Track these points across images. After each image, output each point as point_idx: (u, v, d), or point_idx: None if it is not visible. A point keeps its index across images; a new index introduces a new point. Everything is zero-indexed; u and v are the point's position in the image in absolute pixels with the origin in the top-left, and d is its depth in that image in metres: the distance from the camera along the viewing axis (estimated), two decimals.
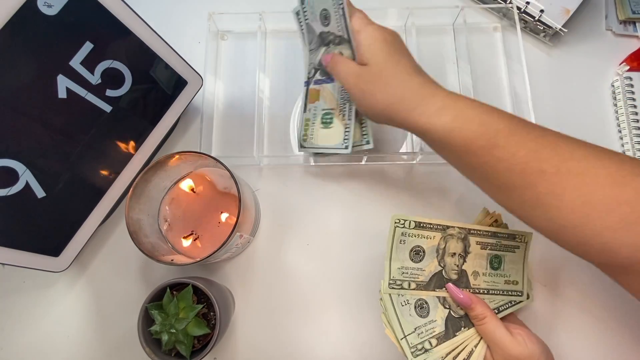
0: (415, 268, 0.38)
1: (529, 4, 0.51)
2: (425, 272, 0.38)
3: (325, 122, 0.41)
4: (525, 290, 0.41)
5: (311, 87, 0.43)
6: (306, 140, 0.43)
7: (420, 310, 0.38)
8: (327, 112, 0.42)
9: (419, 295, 0.38)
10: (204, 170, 0.45)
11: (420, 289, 0.38)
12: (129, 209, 0.39)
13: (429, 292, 0.38)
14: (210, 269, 0.47)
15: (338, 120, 0.41)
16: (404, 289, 0.38)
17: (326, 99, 0.42)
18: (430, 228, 0.38)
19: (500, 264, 0.40)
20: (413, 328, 0.37)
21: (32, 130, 0.36)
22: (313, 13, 0.40)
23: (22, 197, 0.37)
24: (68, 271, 0.44)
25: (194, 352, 0.39)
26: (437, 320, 0.38)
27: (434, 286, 0.38)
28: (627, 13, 0.53)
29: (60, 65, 0.36)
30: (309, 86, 0.43)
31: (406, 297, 0.38)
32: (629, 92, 0.50)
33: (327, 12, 0.39)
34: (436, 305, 0.38)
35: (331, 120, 0.41)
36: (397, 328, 0.37)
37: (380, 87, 0.35)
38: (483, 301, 0.37)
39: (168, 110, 0.46)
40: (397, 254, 0.38)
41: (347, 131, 0.40)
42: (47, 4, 0.33)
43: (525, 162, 0.30)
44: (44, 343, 0.45)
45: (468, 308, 0.37)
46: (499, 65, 0.52)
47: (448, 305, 0.38)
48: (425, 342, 0.37)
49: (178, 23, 0.55)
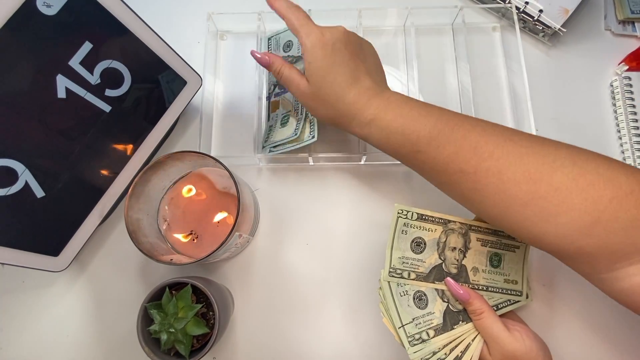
0: (416, 259, 0.39)
1: (528, 4, 0.51)
2: (426, 263, 0.39)
3: (284, 123, 0.47)
4: (525, 290, 0.41)
5: (272, 100, 0.50)
6: (266, 141, 0.47)
7: (418, 302, 0.38)
8: (285, 115, 0.47)
9: (419, 286, 0.38)
10: (204, 170, 0.45)
11: (419, 280, 0.38)
12: (128, 208, 0.39)
13: (428, 284, 0.39)
14: (210, 268, 0.47)
15: (293, 118, 0.46)
16: (404, 279, 0.38)
17: (284, 105, 0.48)
18: (432, 221, 0.39)
19: (500, 262, 0.40)
20: (411, 318, 0.37)
21: (31, 130, 0.36)
22: (277, 44, 0.51)
23: (22, 197, 0.37)
24: (67, 271, 0.44)
25: (193, 351, 0.39)
26: (435, 313, 0.38)
27: (433, 278, 0.39)
28: (626, 13, 0.53)
29: (59, 65, 0.36)
30: (270, 100, 0.50)
31: (405, 288, 0.38)
32: (628, 92, 0.50)
33: (291, 42, 0.49)
34: (435, 298, 0.38)
35: (287, 120, 0.47)
36: (395, 317, 0.37)
37: (320, 104, 0.38)
38: (481, 296, 0.38)
39: (167, 110, 0.46)
40: (398, 243, 0.38)
41: (299, 123, 0.45)
42: (46, 4, 0.33)
43: (446, 164, 0.34)
44: (44, 342, 0.45)
45: (466, 302, 0.37)
46: (498, 65, 0.52)
47: (447, 299, 0.39)
48: (423, 332, 0.37)
49: (177, 23, 0.55)
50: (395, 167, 0.49)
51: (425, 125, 0.34)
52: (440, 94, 0.51)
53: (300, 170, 0.50)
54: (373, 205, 0.48)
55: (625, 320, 0.44)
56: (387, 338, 0.44)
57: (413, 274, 0.38)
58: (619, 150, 0.49)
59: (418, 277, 0.38)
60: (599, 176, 0.29)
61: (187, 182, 0.45)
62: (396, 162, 0.49)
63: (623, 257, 0.29)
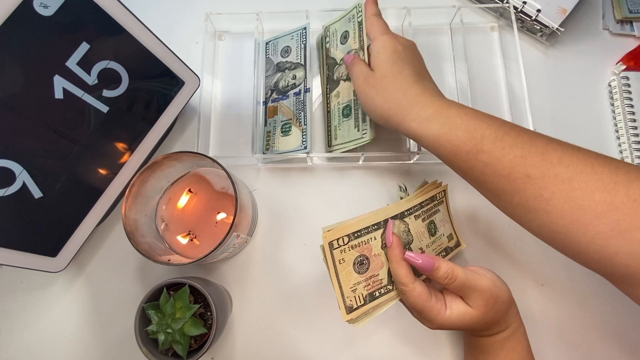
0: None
1: (526, 4, 0.51)
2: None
3: (285, 131, 0.47)
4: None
5: (269, 105, 0.50)
6: (269, 149, 0.48)
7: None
8: (285, 123, 0.48)
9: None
10: (201, 170, 0.45)
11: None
12: (126, 209, 0.39)
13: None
14: (208, 269, 0.47)
15: (295, 128, 0.47)
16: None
17: (283, 112, 0.49)
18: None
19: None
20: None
21: (29, 131, 0.36)
22: (275, 49, 0.51)
23: (19, 198, 0.37)
24: (65, 271, 0.44)
25: (190, 352, 0.39)
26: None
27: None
28: (624, 12, 0.53)
29: (56, 66, 0.36)
30: (267, 105, 0.50)
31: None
32: (626, 92, 0.50)
33: (289, 48, 0.50)
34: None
35: (289, 129, 0.47)
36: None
37: (380, 92, 0.37)
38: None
39: (165, 110, 0.46)
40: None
41: (304, 134, 0.46)
42: (43, 5, 0.33)
43: (511, 167, 0.31)
44: (42, 343, 0.45)
45: (432, 270, 0.33)
46: (496, 65, 0.52)
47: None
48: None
49: (175, 23, 0.55)
50: (393, 166, 0.49)
51: (490, 125, 0.32)
52: None
53: (298, 171, 0.50)
54: (371, 205, 0.48)
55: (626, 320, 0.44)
56: (386, 337, 0.44)
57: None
58: (617, 150, 0.49)
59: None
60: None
61: (185, 183, 0.45)
62: (394, 162, 0.49)
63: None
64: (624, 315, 0.44)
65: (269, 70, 0.52)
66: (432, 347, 0.44)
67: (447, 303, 0.34)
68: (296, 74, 0.49)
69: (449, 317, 0.33)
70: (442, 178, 0.42)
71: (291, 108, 0.48)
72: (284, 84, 0.49)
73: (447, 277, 0.33)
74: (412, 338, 0.44)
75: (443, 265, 0.33)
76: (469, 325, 0.34)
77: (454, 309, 0.34)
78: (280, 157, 0.47)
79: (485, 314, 0.34)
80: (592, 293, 0.45)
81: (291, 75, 0.49)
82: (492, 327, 0.35)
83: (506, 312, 0.35)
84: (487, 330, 0.36)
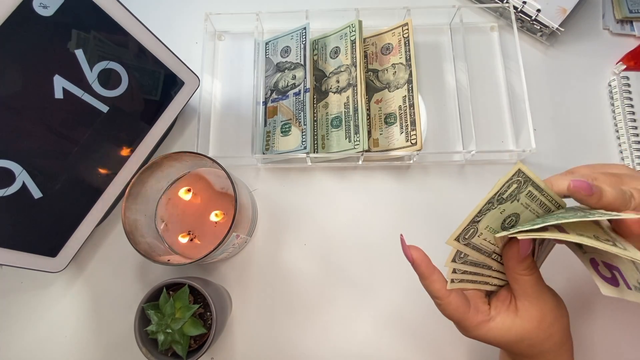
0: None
1: (526, 4, 0.51)
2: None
3: (285, 131, 0.47)
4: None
5: (269, 105, 0.50)
6: (268, 149, 0.48)
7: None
8: (285, 123, 0.48)
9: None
10: (201, 170, 0.45)
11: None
12: (126, 209, 0.39)
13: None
14: (208, 269, 0.47)
15: (295, 128, 0.47)
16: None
17: (283, 113, 0.49)
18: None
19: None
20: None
21: (28, 131, 0.36)
22: (275, 48, 0.51)
23: (19, 198, 0.37)
24: (65, 272, 0.44)
25: (190, 352, 0.39)
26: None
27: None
28: (624, 12, 0.53)
29: (56, 66, 0.36)
30: (267, 105, 0.50)
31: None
32: (626, 92, 0.50)
33: (289, 48, 0.50)
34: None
35: (289, 129, 0.47)
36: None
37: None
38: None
39: (165, 110, 0.46)
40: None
41: (304, 134, 0.46)
42: (43, 5, 0.33)
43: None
44: (42, 343, 0.45)
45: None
46: (496, 65, 0.52)
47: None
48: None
49: (175, 23, 0.55)
50: (392, 167, 0.49)
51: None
52: (438, 93, 0.51)
53: (298, 171, 0.50)
54: (370, 205, 0.48)
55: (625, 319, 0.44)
56: (385, 338, 0.44)
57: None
58: (617, 150, 0.49)
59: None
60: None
61: (184, 183, 0.45)
62: (393, 162, 0.49)
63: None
64: (624, 320, 0.44)
65: (268, 70, 0.52)
66: (435, 349, 0.44)
67: (492, 314, 0.31)
68: (296, 74, 0.49)
69: (489, 330, 0.31)
70: (445, 177, 0.42)
71: (291, 108, 0.48)
72: (284, 84, 0.49)
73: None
74: (414, 339, 0.44)
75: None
76: (511, 340, 0.30)
77: (498, 321, 0.31)
78: (280, 157, 0.47)
79: (535, 331, 0.30)
80: (593, 296, 0.45)
81: (291, 76, 0.49)
82: (537, 356, 0.31)
83: (560, 343, 0.31)
84: (529, 357, 0.32)
